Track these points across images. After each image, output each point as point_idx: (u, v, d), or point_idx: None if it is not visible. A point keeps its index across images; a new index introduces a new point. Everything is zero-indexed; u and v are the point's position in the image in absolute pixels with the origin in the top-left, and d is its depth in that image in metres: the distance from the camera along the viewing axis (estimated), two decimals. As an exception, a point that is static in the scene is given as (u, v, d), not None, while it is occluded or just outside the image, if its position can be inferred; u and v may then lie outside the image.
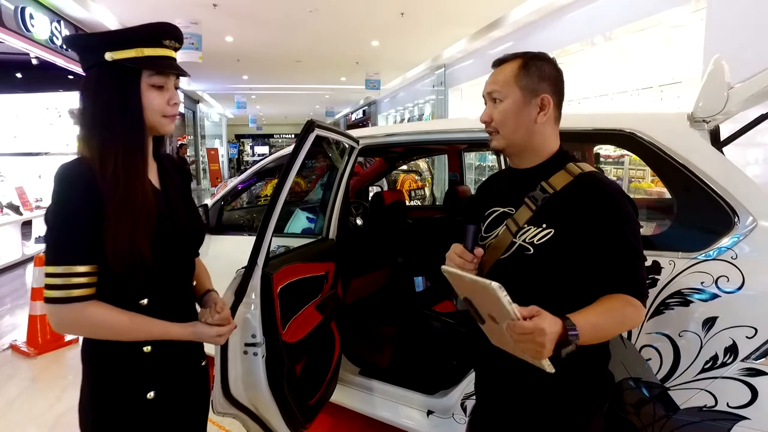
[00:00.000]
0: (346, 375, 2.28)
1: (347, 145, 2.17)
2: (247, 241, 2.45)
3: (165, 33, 1.01)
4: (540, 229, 1.07)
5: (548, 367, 0.86)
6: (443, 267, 0.99)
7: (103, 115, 0.96)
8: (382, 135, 2.32)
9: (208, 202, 2.95)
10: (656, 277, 1.45)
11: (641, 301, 1.00)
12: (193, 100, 17.04)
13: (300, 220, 2.82)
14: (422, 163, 8.69)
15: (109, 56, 0.95)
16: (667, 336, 1.43)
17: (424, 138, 2.26)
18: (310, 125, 1.48)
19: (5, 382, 2.88)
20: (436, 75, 11.31)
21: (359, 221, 3.54)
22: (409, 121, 14.11)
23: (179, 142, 14.58)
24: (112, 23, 7.68)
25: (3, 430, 2.43)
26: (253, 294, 1.43)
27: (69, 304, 0.92)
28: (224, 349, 1.44)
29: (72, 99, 8.27)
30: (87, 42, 0.99)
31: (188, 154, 11.78)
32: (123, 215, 0.93)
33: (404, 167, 8.09)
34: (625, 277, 1.01)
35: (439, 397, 2.06)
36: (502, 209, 1.17)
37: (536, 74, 1.10)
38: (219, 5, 6.77)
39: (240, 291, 1.38)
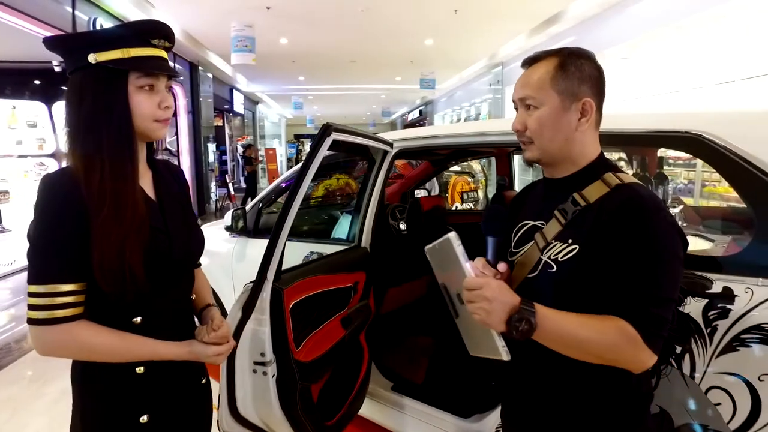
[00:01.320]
0: (378, 389, 2.17)
1: (379, 149, 2.06)
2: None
3: (152, 31, 0.93)
4: (565, 245, 0.94)
5: (504, 353, 0.83)
6: (427, 247, 0.93)
7: (87, 122, 0.90)
8: (418, 137, 2.18)
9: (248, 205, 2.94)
10: (728, 307, 1.23)
11: (647, 340, 0.82)
12: (252, 101, 17.61)
13: (346, 226, 2.72)
14: (476, 165, 8.42)
15: (92, 58, 0.88)
16: (743, 378, 1.20)
17: (462, 141, 2.10)
18: (326, 129, 1.37)
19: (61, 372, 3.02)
20: (493, 73, 11.01)
21: (402, 226, 3.41)
22: (465, 120, 13.83)
23: (238, 143, 15.10)
24: (175, 30, 8.03)
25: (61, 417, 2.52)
26: (263, 310, 1.35)
27: (53, 326, 0.85)
28: (230, 366, 1.37)
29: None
30: (69, 43, 0.93)
31: (255, 155, 12.13)
32: (111, 229, 0.86)
33: (456, 168, 7.88)
34: (633, 303, 0.84)
35: (473, 421, 1.91)
36: (532, 222, 1.04)
37: (576, 75, 0.95)
38: (272, 7, 6.89)
39: (248, 306, 1.31)
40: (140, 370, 0.95)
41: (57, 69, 6.38)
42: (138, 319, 0.94)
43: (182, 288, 1.05)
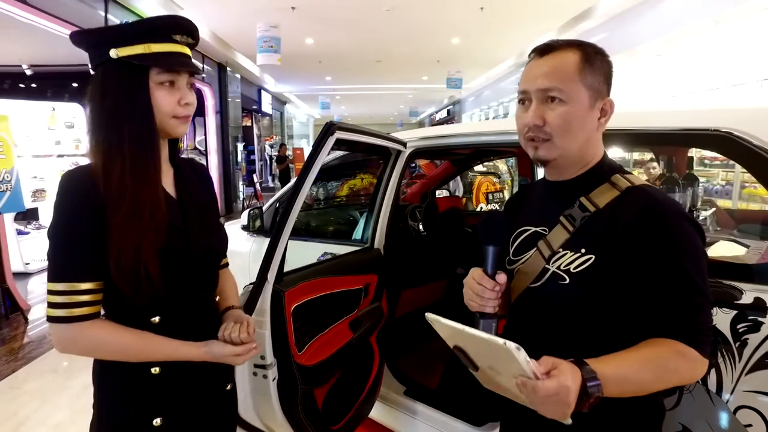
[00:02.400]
0: (390, 394, 2.14)
1: (391, 149, 2.01)
2: (294, 246, 2.41)
3: (174, 27, 0.92)
4: (578, 254, 0.88)
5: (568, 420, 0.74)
6: (428, 316, 0.83)
7: (110, 118, 0.89)
8: (432, 137, 2.12)
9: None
10: (760, 319, 1.14)
11: (701, 351, 0.79)
12: (280, 101, 17.83)
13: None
14: (502, 165, 8.25)
15: (114, 53, 0.88)
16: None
17: (478, 140, 2.02)
18: (329, 127, 1.33)
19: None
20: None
21: (422, 227, 3.35)
22: (493, 119, 13.64)
23: (266, 143, 15.31)
24: (203, 31, 8.18)
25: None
26: (263, 312, 1.32)
27: (72, 324, 0.85)
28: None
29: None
30: (92, 38, 0.92)
31: (288, 153, 12.29)
32: (128, 227, 0.85)
33: (481, 169, 7.74)
34: (679, 319, 0.80)
35: (486, 429, 1.86)
36: (533, 228, 0.98)
37: (602, 71, 0.89)
38: (297, 8, 6.93)
39: (247, 308, 1.28)
40: (156, 370, 0.92)
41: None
42: (156, 319, 0.92)
43: (204, 288, 1.02)
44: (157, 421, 0.92)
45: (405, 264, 2.39)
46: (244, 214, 2.88)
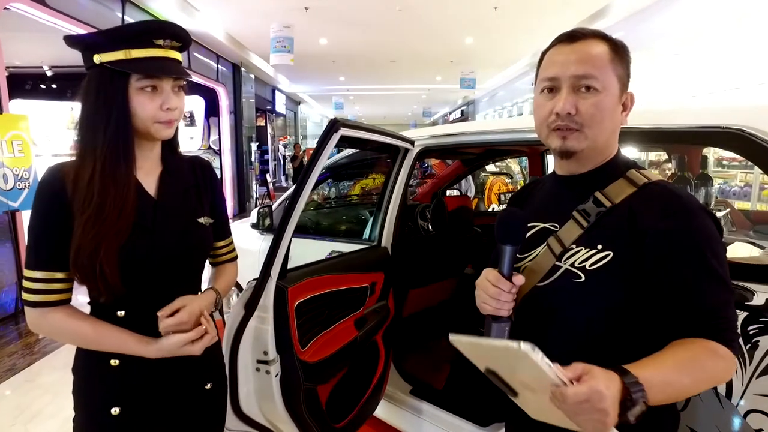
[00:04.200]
0: (396, 393, 2.13)
1: (398, 147, 2.00)
2: (303, 244, 2.42)
3: (155, 32, 0.93)
4: (594, 251, 0.84)
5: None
6: (452, 337, 0.73)
7: (88, 121, 0.94)
8: (440, 135, 2.11)
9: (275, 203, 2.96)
10: (772, 321, 1.10)
11: (732, 349, 0.76)
12: (294, 101, 17.93)
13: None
14: (514, 165, 8.18)
15: (96, 59, 0.91)
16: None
17: (487, 138, 2.00)
18: (333, 124, 1.33)
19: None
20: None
21: (431, 226, 3.34)
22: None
23: (280, 143, 15.41)
24: (218, 32, 8.27)
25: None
26: (266, 308, 1.33)
27: (38, 308, 0.92)
28: (233, 364, 1.36)
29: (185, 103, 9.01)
30: (80, 43, 0.95)
31: (302, 152, 12.35)
32: (91, 228, 0.89)
33: (493, 169, 7.68)
34: (709, 316, 0.77)
35: (491, 430, 1.84)
36: (542, 225, 0.94)
37: (627, 63, 0.88)
38: (310, 8, 6.96)
39: (250, 304, 1.29)
40: (115, 362, 0.96)
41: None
42: (122, 313, 0.96)
43: (178, 286, 1.01)
44: (115, 410, 0.96)
45: (413, 263, 2.39)
46: (254, 213, 2.90)
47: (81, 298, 0.98)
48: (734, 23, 5.12)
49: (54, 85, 9.36)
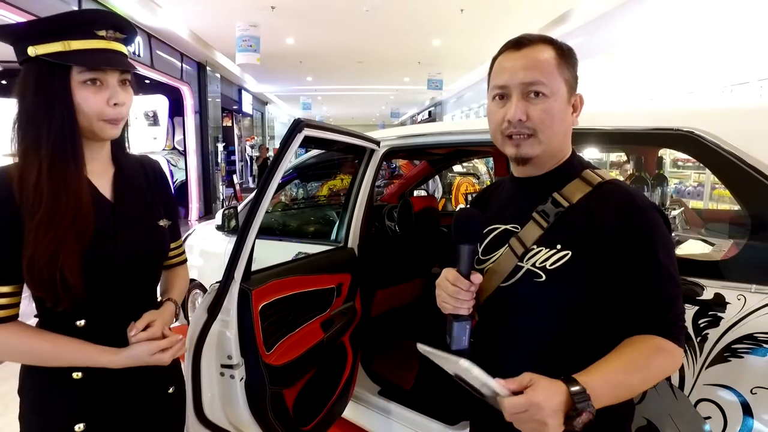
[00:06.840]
0: (364, 393, 2.12)
1: (365, 148, 2.00)
2: (269, 246, 2.38)
3: (96, 22, 0.87)
4: (554, 250, 0.86)
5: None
6: (419, 347, 0.79)
7: (27, 120, 0.85)
8: (405, 136, 2.12)
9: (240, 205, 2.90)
10: (720, 315, 1.16)
11: (677, 342, 0.80)
12: (261, 101, 17.66)
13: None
14: (481, 166, 8.31)
15: (32, 51, 0.83)
16: (734, 390, 1.13)
17: (451, 139, 2.03)
18: (297, 124, 1.32)
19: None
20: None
21: (398, 227, 3.35)
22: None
23: (247, 143, 15.15)
24: (182, 30, 8.05)
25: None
26: (228, 311, 1.30)
27: None
28: (196, 369, 1.32)
29: (148, 102, 8.72)
30: (11, 34, 0.87)
31: (269, 155, 12.17)
32: (44, 233, 0.81)
33: (460, 169, 7.78)
34: (657, 312, 0.81)
35: (459, 428, 1.85)
36: (503, 226, 0.96)
37: (574, 66, 0.90)
38: (277, 7, 6.88)
39: (213, 307, 1.26)
40: (77, 375, 0.89)
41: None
42: (81, 323, 0.89)
43: (138, 291, 0.98)
44: (79, 427, 0.89)
45: (380, 263, 2.39)
46: (219, 214, 2.84)
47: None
48: (692, 29, 5.34)
49: (4, 81, 8.91)
